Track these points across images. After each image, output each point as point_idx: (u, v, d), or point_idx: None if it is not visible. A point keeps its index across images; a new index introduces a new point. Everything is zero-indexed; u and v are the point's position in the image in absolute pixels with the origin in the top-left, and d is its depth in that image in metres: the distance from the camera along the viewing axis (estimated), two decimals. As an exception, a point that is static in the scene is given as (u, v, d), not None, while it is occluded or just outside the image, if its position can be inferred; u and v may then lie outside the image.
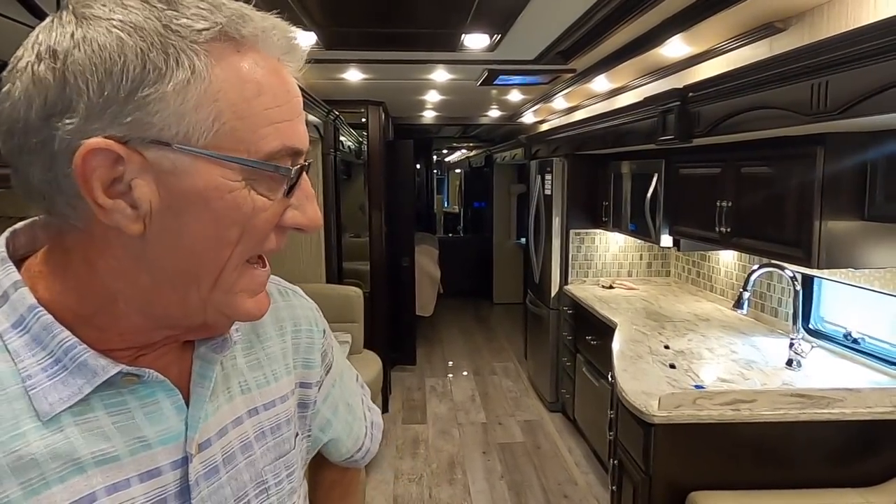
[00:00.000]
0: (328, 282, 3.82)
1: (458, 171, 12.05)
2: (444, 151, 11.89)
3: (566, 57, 2.78)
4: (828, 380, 2.22)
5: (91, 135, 0.42)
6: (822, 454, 2.00)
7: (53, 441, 0.45)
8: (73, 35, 0.43)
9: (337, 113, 3.77)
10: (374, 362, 3.70)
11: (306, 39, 2.72)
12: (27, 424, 0.45)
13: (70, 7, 0.44)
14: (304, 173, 0.50)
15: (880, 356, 2.27)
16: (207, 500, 0.53)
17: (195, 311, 0.50)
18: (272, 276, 0.72)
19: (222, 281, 0.49)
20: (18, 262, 0.50)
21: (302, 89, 0.52)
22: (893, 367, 2.19)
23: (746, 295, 2.52)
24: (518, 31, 2.28)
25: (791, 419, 1.94)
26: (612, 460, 2.40)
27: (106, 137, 0.42)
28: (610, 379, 2.83)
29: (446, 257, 7.69)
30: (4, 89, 0.44)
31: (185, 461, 0.51)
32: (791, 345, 2.38)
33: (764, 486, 1.97)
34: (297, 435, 0.66)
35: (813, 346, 2.40)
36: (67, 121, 0.42)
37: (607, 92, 3.59)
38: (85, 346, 0.47)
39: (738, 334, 2.85)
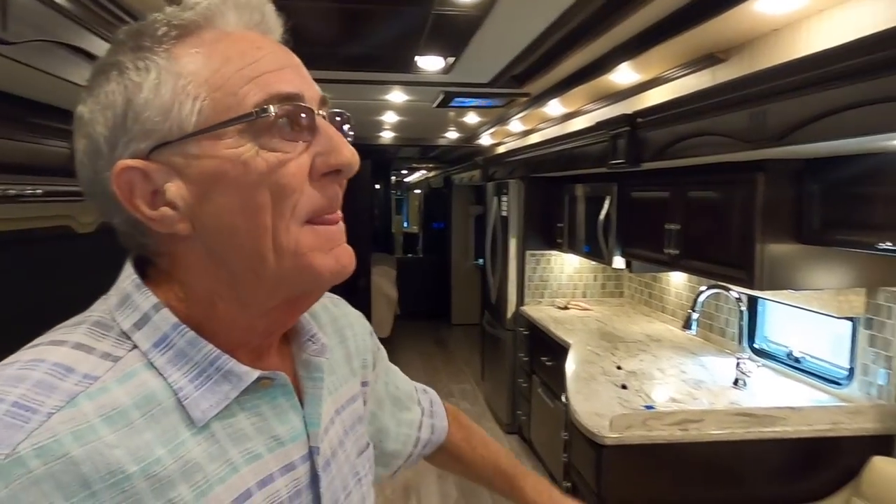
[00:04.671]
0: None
1: (417, 191, 12.09)
2: (404, 172, 11.91)
3: (520, 81, 2.83)
4: (772, 398, 2.27)
5: (116, 163, 0.48)
6: (769, 472, 2.04)
7: (208, 445, 0.49)
8: (83, 99, 0.50)
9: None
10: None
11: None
12: (185, 433, 0.48)
13: (84, 83, 0.52)
14: (323, 119, 0.51)
15: (820, 375, 2.35)
16: (328, 489, 0.58)
17: (277, 285, 0.51)
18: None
19: (283, 246, 0.49)
20: None
21: None
22: (833, 385, 2.26)
23: (695, 316, 2.57)
24: (471, 55, 2.32)
25: (738, 438, 1.98)
26: (565, 483, 2.39)
27: (125, 159, 0.48)
28: (563, 400, 2.85)
29: (405, 278, 7.65)
30: (77, 173, 0.52)
31: (310, 455, 0.56)
32: (737, 364, 2.44)
33: (715, 505, 2.00)
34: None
35: (759, 366, 2.47)
36: (101, 162, 0.49)
37: (561, 116, 3.67)
38: (228, 355, 0.51)
39: (688, 354, 2.90)
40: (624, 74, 2.40)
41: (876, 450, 1.94)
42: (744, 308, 2.55)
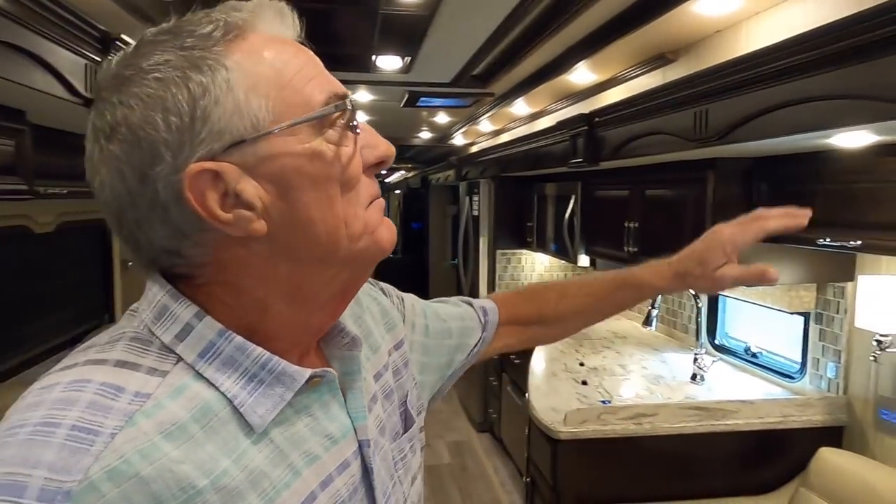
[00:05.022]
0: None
1: (397, 192, 12.09)
2: (384, 172, 11.90)
3: (483, 81, 2.86)
4: (728, 393, 2.32)
5: (184, 167, 0.46)
6: (722, 464, 2.08)
7: (269, 452, 0.49)
8: (119, 103, 0.47)
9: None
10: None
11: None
12: (244, 442, 0.47)
13: (103, 87, 0.48)
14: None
15: (775, 369, 2.40)
16: (378, 480, 0.57)
17: (341, 271, 0.53)
18: None
19: (354, 230, 0.51)
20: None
21: None
22: (787, 379, 2.31)
23: (654, 312, 2.62)
24: (428, 54, 2.34)
25: (690, 431, 2.02)
26: (525, 478, 2.42)
27: (196, 162, 0.46)
28: (526, 396, 2.88)
29: (383, 278, 7.58)
30: (96, 183, 0.49)
31: (359, 449, 0.56)
32: (695, 360, 2.49)
33: (669, 497, 2.03)
34: (406, 397, 0.69)
35: (714, 361, 2.52)
36: (159, 168, 0.46)
37: (527, 116, 3.71)
38: (278, 357, 0.50)
39: (651, 350, 2.95)
40: (582, 74, 2.44)
41: (825, 441, 1.98)
42: (702, 304, 2.59)
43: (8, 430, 0.41)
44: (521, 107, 3.44)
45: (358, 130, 0.52)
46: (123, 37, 1.58)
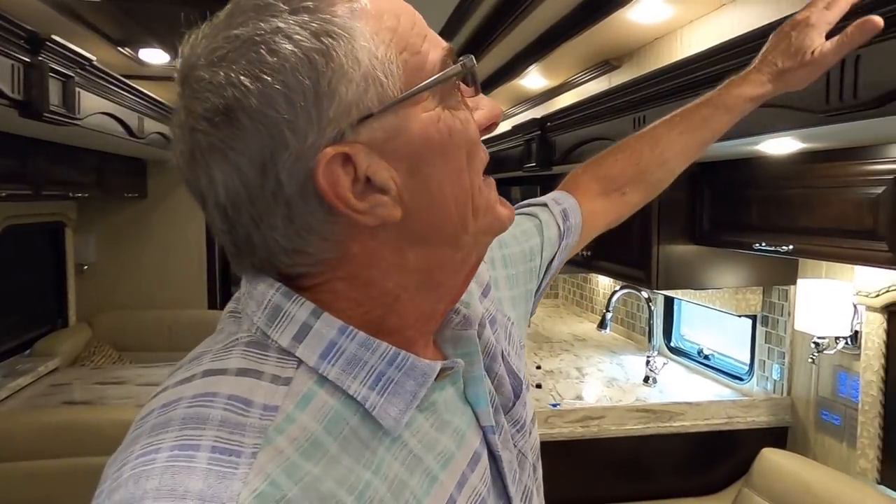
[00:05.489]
0: (210, 307, 3.68)
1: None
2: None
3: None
4: (679, 394, 2.34)
5: (313, 154, 0.40)
6: (669, 465, 2.10)
7: (404, 457, 0.45)
8: (229, 83, 0.40)
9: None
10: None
11: (158, 58, 2.69)
12: (379, 448, 0.44)
13: (196, 64, 0.42)
14: None
15: (726, 371, 2.43)
16: (508, 466, 0.54)
17: (470, 251, 0.49)
18: None
19: (478, 205, 0.47)
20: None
21: None
22: (736, 380, 2.35)
23: (609, 316, 2.64)
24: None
25: (637, 433, 2.04)
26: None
27: (327, 146, 0.40)
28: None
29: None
30: (202, 181, 0.43)
31: (484, 437, 0.52)
32: (647, 362, 2.51)
33: (616, 499, 2.05)
34: (502, 353, 0.61)
35: (665, 363, 2.54)
36: (283, 157, 0.40)
37: (489, 120, 3.71)
38: (405, 351, 0.45)
39: (608, 353, 2.97)
40: (534, 79, 2.46)
41: (770, 442, 2.02)
42: (654, 307, 2.62)
43: (142, 458, 0.37)
44: (481, 110, 3.45)
45: (471, 90, 0.47)
46: (54, 37, 1.55)
